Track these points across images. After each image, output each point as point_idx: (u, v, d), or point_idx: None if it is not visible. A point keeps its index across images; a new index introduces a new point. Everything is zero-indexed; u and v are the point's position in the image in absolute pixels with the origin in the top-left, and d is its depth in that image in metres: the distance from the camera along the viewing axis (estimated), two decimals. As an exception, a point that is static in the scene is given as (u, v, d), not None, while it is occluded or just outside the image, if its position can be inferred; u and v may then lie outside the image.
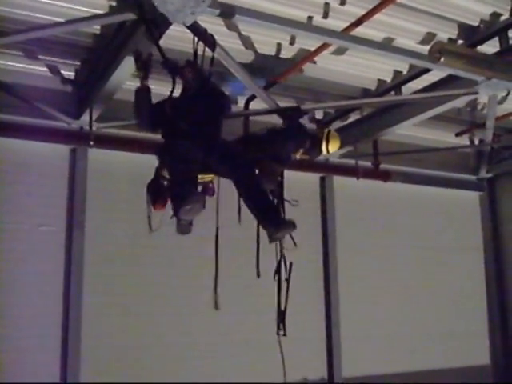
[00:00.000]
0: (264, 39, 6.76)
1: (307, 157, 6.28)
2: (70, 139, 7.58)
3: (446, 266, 10.48)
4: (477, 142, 10.47)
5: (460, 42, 6.95)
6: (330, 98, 8.04)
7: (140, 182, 5.00)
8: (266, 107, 6.92)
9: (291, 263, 5.93)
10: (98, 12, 5.75)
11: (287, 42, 6.88)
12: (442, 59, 5.01)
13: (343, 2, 6.18)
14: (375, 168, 9.25)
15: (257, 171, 5.34)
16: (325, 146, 6.11)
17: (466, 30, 6.82)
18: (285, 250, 5.95)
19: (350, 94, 8.20)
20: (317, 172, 9.51)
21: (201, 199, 4.41)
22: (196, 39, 5.23)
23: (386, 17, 6.27)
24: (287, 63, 7.15)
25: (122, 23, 5.74)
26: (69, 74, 7.16)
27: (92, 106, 7.08)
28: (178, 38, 6.01)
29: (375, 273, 9.72)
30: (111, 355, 7.43)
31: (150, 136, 5.48)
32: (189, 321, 7.92)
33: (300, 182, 8.48)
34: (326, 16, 6.33)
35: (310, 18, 6.33)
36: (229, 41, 6.43)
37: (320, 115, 8.81)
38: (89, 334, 7.32)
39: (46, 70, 7.01)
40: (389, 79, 7.94)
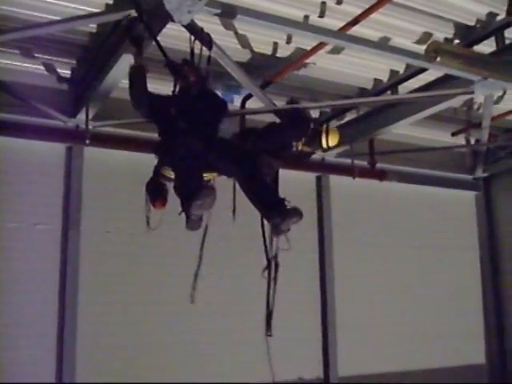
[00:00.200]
0: (260, 38, 6.75)
1: (308, 148, 6.35)
2: (66, 138, 7.55)
3: (442, 265, 10.50)
4: (473, 141, 10.48)
5: (456, 41, 6.96)
6: (327, 97, 8.05)
7: (136, 181, 5.00)
8: (262, 106, 6.93)
9: (278, 263, 5.95)
10: (95, 10, 5.74)
11: (284, 41, 6.87)
12: (438, 59, 5.02)
13: (340, 2, 6.17)
14: (371, 167, 9.26)
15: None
16: (325, 139, 6.24)
17: (462, 30, 6.83)
18: (280, 248, 5.98)
19: (347, 93, 8.20)
20: (313, 171, 9.50)
21: (213, 193, 4.34)
22: (192, 38, 5.23)
23: (382, 16, 6.28)
24: (284, 62, 7.14)
25: (118, 22, 5.73)
26: (65, 72, 7.14)
27: (88, 105, 7.07)
28: (175, 36, 6.00)
29: (371, 272, 9.72)
30: (107, 355, 7.40)
31: (147, 134, 5.48)
32: (186, 320, 7.90)
33: (296, 182, 8.48)
34: (322, 15, 6.32)
35: (306, 17, 6.32)
36: (225, 40, 6.41)
37: (316, 114, 8.80)
38: (85, 333, 7.30)
39: (42, 68, 6.98)
40: (385, 78, 7.95)
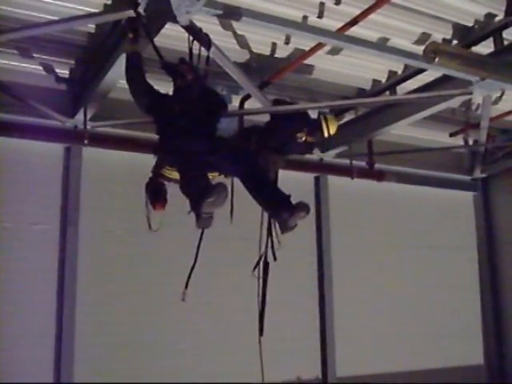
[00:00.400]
0: (259, 38, 6.76)
1: (312, 138, 6.47)
2: (65, 138, 7.56)
3: (440, 265, 10.51)
4: (471, 142, 10.49)
5: (455, 42, 6.96)
6: (325, 97, 8.04)
7: (135, 181, 5.00)
8: (260, 106, 6.93)
9: (267, 263, 5.96)
10: (93, 10, 5.74)
11: (282, 42, 6.87)
12: (437, 59, 5.01)
13: (338, 2, 6.17)
14: (370, 168, 9.25)
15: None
16: (325, 127, 6.39)
17: (460, 31, 6.84)
18: (272, 247, 6.00)
19: (345, 93, 8.21)
20: (311, 172, 9.52)
21: (225, 190, 4.25)
22: (191, 38, 5.23)
23: (380, 17, 6.28)
24: (282, 63, 7.15)
25: (116, 22, 5.73)
26: (63, 72, 7.14)
27: (86, 105, 7.06)
28: (173, 37, 6.01)
29: (369, 272, 9.73)
30: (106, 355, 7.41)
31: (145, 135, 5.47)
32: (185, 320, 7.90)
33: (294, 182, 8.45)
34: (321, 16, 6.32)
35: (305, 17, 6.33)
36: (224, 40, 6.42)
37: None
38: (83, 333, 7.30)
39: (41, 68, 6.98)
40: (383, 79, 7.95)
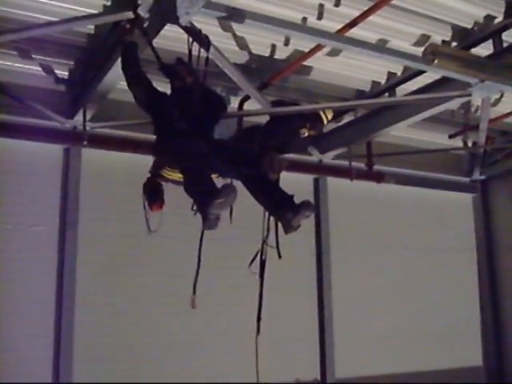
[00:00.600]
0: (258, 40, 6.76)
1: (313, 131, 6.74)
2: (64, 139, 7.56)
3: (439, 267, 10.51)
4: (470, 144, 10.50)
5: (454, 44, 6.96)
6: (324, 99, 8.04)
7: (134, 182, 5.00)
8: (259, 108, 6.94)
9: (264, 260, 5.97)
10: (92, 11, 5.73)
11: (281, 43, 6.87)
12: (436, 61, 5.02)
13: (337, 4, 6.17)
14: (369, 169, 9.23)
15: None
16: (323, 115, 6.71)
17: (459, 33, 6.84)
18: (268, 246, 6.01)
19: (344, 95, 8.21)
20: (310, 173, 9.52)
21: (234, 191, 4.20)
22: (190, 40, 5.23)
23: (380, 18, 6.27)
24: (281, 64, 7.15)
25: (116, 23, 5.72)
26: (62, 73, 7.13)
27: (86, 106, 7.06)
28: (172, 38, 6.00)
29: (368, 274, 9.73)
30: (105, 355, 7.41)
31: (144, 136, 5.48)
32: (183, 321, 7.90)
33: (293, 184, 8.45)
34: (320, 17, 6.33)
35: (304, 19, 6.33)
36: (223, 41, 6.42)
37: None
38: (82, 334, 7.30)
39: (40, 69, 6.97)
40: (383, 81, 7.95)
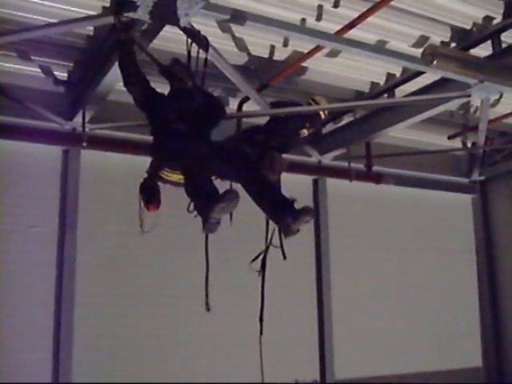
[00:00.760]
0: (257, 41, 6.76)
1: (313, 129, 6.86)
2: (63, 140, 7.55)
3: (439, 267, 10.50)
4: (469, 144, 10.52)
5: (453, 45, 6.97)
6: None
7: (133, 184, 4.98)
8: (258, 109, 6.95)
9: (265, 257, 5.97)
10: (91, 13, 5.72)
11: (280, 44, 6.88)
12: (435, 62, 5.02)
13: (336, 5, 6.18)
14: (368, 170, 9.23)
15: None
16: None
17: (458, 33, 6.85)
18: (272, 246, 6.01)
19: (343, 96, 8.21)
20: (310, 174, 9.51)
21: (236, 196, 4.20)
22: (189, 41, 5.23)
23: (379, 20, 6.28)
24: (281, 65, 7.15)
25: (114, 24, 5.72)
26: (62, 74, 7.14)
27: (85, 107, 7.06)
28: (171, 39, 6.01)
29: (368, 275, 9.72)
30: (104, 356, 7.40)
31: (144, 137, 5.47)
32: (182, 321, 7.91)
33: (293, 185, 8.45)
34: (319, 18, 6.33)
35: (303, 20, 6.33)
36: (222, 42, 6.42)
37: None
38: (81, 335, 7.29)
39: (39, 70, 6.98)
40: (382, 82, 7.95)
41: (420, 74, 7.11)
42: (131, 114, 5.41)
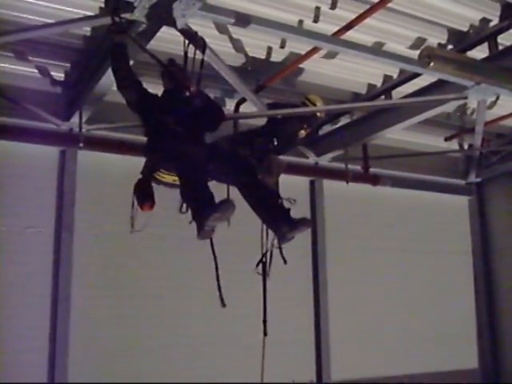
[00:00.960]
0: (254, 42, 6.77)
1: (311, 129, 6.94)
2: (60, 141, 7.54)
3: (435, 269, 10.52)
4: (466, 146, 10.54)
5: (450, 47, 6.99)
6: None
7: (130, 184, 4.97)
8: (255, 110, 6.95)
9: (265, 260, 5.96)
10: (89, 13, 5.72)
11: (277, 46, 6.89)
12: (432, 64, 5.02)
13: (334, 7, 6.19)
14: (365, 172, 9.26)
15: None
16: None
17: (455, 36, 6.87)
18: (272, 247, 6.00)
19: (340, 97, 8.22)
20: (306, 175, 9.52)
21: (232, 206, 4.17)
22: (186, 42, 5.23)
23: (376, 21, 6.30)
24: (278, 66, 7.15)
25: (109, 25, 5.71)
26: (59, 75, 7.13)
27: (82, 108, 7.07)
28: (168, 40, 6.00)
29: (365, 276, 9.72)
30: (100, 357, 7.39)
31: (141, 138, 5.45)
32: (179, 321, 7.90)
33: (289, 186, 8.45)
34: (316, 20, 6.34)
35: (300, 21, 6.34)
36: (219, 44, 6.43)
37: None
38: (77, 335, 7.28)
39: (36, 71, 6.97)
40: (379, 83, 7.97)
41: (417, 75, 7.11)
42: (128, 115, 5.39)
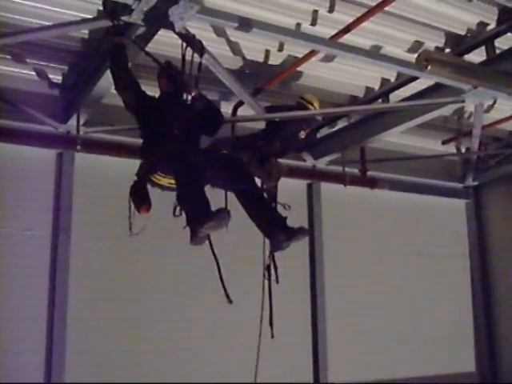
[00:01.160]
0: (252, 45, 6.77)
1: (310, 130, 7.03)
2: (57, 143, 7.54)
3: (432, 272, 10.52)
4: (463, 150, 10.55)
5: (447, 50, 7.00)
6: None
7: (127, 187, 4.98)
8: (253, 113, 6.95)
9: (269, 264, 5.95)
10: (87, 16, 5.72)
11: (275, 49, 6.89)
12: (429, 67, 5.03)
13: (331, 10, 6.20)
14: (362, 175, 9.26)
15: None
16: (312, 108, 6.94)
17: (453, 39, 6.88)
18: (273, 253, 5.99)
19: (338, 101, 8.23)
20: (304, 179, 9.52)
21: (228, 216, 4.15)
22: (184, 45, 5.23)
23: (373, 25, 6.30)
24: (275, 70, 7.16)
25: (108, 28, 5.72)
26: (56, 78, 7.12)
27: (79, 111, 7.06)
28: (166, 43, 6.00)
29: (362, 279, 9.72)
30: (97, 360, 7.38)
31: (138, 141, 5.46)
32: (176, 322, 7.89)
33: (287, 189, 8.47)
34: (314, 23, 6.35)
35: (298, 25, 6.35)
36: (217, 47, 6.43)
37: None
38: (74, 337, 7.27)
39: (34, 73, 6.96)
40: (376, 87, 7.98)
41: (414, 79, 7.13)
42: (126, 118, 5.40)
